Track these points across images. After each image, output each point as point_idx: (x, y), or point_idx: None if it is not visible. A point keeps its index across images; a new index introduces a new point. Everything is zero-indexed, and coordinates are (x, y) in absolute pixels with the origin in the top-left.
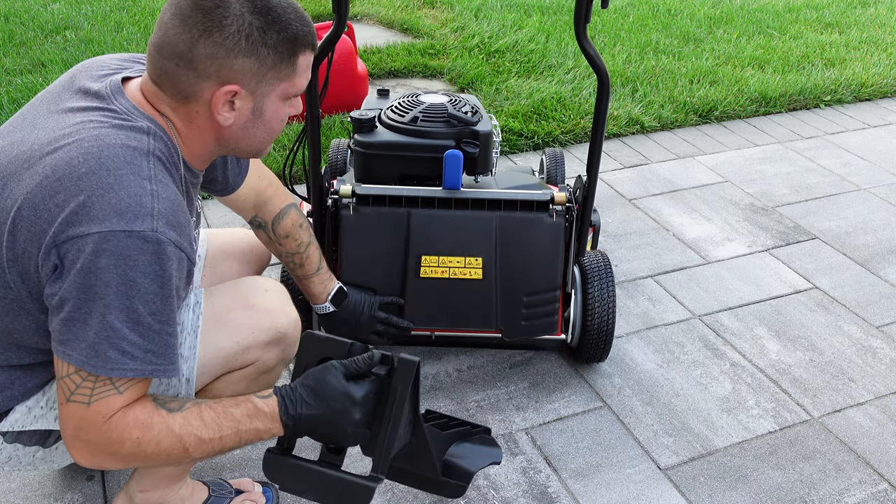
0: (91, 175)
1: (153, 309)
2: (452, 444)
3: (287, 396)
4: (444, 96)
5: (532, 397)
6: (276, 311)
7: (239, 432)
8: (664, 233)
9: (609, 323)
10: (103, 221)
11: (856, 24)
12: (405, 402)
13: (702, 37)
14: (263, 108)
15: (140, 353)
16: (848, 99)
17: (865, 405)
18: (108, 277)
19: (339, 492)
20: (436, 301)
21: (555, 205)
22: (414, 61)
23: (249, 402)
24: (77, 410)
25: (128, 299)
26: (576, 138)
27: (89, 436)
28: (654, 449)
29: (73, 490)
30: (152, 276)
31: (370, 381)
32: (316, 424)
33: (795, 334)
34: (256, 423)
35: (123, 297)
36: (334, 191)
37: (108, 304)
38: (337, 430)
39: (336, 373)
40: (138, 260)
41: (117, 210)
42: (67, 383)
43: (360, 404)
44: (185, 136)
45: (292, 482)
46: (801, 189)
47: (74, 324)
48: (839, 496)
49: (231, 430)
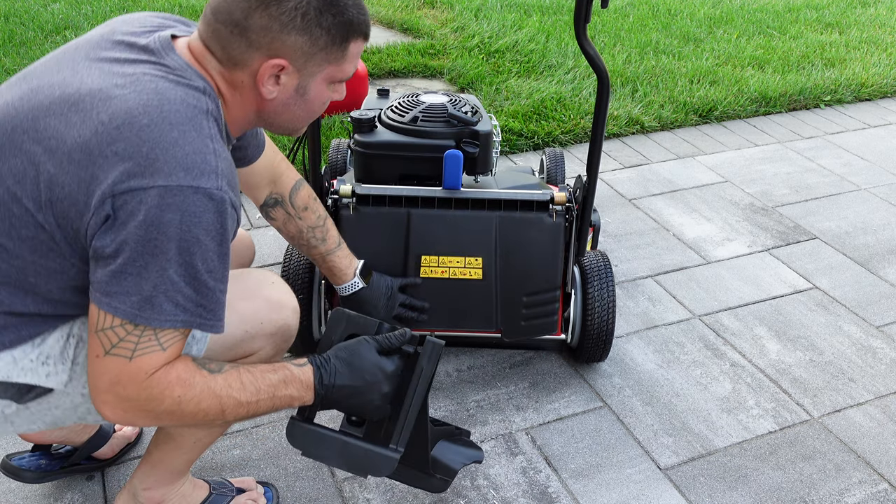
0: (153, 127)
1: (210, 266)
2: (437, 442)
3: (322, 366)
4: (444, 96)
5: (532, 397)
6: (284, 303)
7: (274, 398)
8: (664, 233)
9: (609, 323)
10: (169, 175)
11: (856, 24)
12: (429, 380)
13: (702, 37)
14: (308, 87)
15: (192, 306)
16: (848, 99)
17: (865, 405)
18: (172, 232)
19: (363, 460)
20: (436, 301)
21: (555, 205)
22: (414, 61)
23: (286, 368)
24: (117, 364)
25: (189, 255)
26: (576, 138)
27: (127, 391)
28: (654, 449)
29: (73, 490)
30: (213, 234)
31: (399, 358)
32: (346, 395)
33: (795, 334)
34: (291, 390)
35: (185, 252)
36: (334, 191)
37: (169, 259)
38: (365, 401)
39: (370, 347)
40: (203, 217)
41: (184, 165)
42: (109, 336)
43: (390, 378)
44: (229, 102)
45: (316, 449)
46: (801, 189)
47: (127, 277)
48: (839, 496)
49: (267, 395)
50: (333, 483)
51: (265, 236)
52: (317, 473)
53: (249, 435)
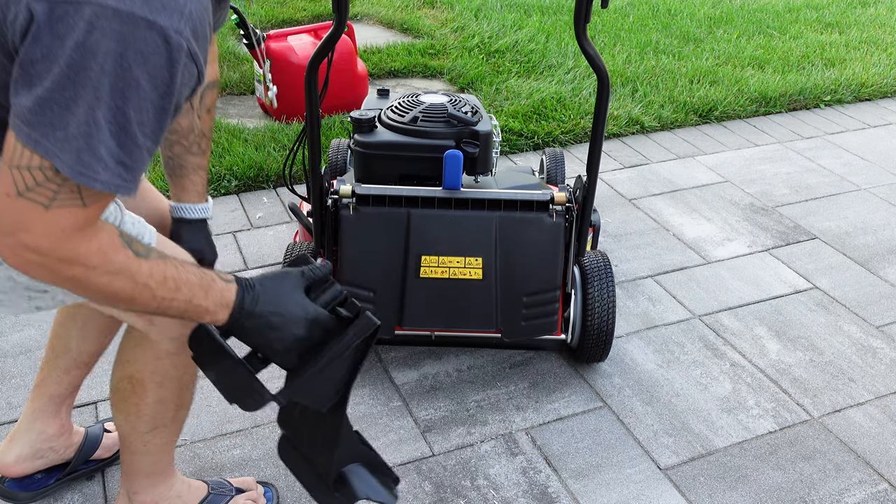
0: None
1: (143, 119)
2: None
3: (247, 289)
4: (444, 96)
5: (532, 397)
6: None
7: (189, 304)
8: (664, 233)
9: (609, 323)
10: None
11: (856, 24)
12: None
13: (702, 37)
14: None
15: (113, 163)
16: (848, 99)
17: (865, 405)
18: (109, 66)
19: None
20: (436, 301)
21: (555, 205)
22: (414, 61)
23: (212, 279)
24: (30, 210)
25: (122, 99)
26: (576, 138)
27: (37, 243)
28: (654, 449)
29: (73, 490)
30: (158, 83)
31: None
32: (261, 326)
33: (795, 334)
34: (208, 303)
35: (119, 94)
36: (334, 191)
37: (99, 97)
38: (276, 338)
39: (297, 282)
40: (151, 59)
41: None
42: (25, 176)
43: (310, 322)
44: None
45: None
46: (801, 189)
47: (53, 106)
48: (839, 496)
49: (183, 299)
50: None
51: (265, 236)
52: None
53: (249, 435)
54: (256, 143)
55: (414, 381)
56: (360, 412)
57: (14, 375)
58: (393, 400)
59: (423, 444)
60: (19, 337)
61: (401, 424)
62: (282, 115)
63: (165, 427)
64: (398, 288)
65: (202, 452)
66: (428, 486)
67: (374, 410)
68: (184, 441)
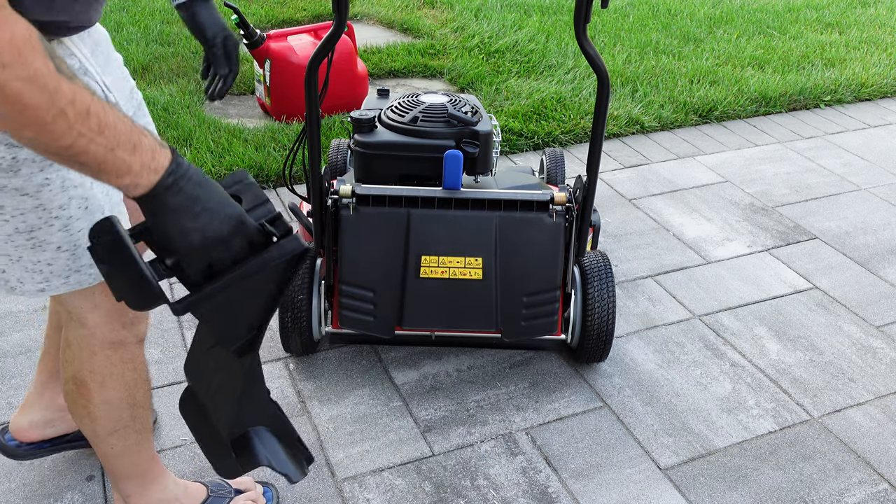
0: None
1: None
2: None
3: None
4: (444, 96)
5: (532, 397)
6: None
7: (110, 153)
8: (664, 233)
9: (609, 323)
10: None
11: (856, 24)
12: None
13: (702, 37)
14: None
15: None
16: (848, 99)
17: (865, 405)
18: None
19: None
20: (436, 301)
21: (555, 205)
22: (414, 61)
23: (143, 134)
24: None
25: None
26: (576, 138)
27: None
28: (654, 449)
29: (73, 490)
30: None
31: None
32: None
33: (795, 334)
34: (133, 160)
35: None
36: (334, 191)
37: None
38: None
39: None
40: None
41: None
42: None
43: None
44: None
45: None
46: (801, 189)
47: None
48: (839, 496)
49: (105, 145)
50: (333, 483)
51: None
52: (317, 473)
53: None
54: (256, 143)
55: (414, 381)
56: (360, 412)
57: (14, 375)
58: (393, 400)
59: (423, 444)
60: (19, 337)
61: (401, 424)
62: (281, 115)
63: (127, 428)
64: (398, 288)
65: (201, 453)
66: (428, 486)
67: (374, 410)
68: (183, 441)
